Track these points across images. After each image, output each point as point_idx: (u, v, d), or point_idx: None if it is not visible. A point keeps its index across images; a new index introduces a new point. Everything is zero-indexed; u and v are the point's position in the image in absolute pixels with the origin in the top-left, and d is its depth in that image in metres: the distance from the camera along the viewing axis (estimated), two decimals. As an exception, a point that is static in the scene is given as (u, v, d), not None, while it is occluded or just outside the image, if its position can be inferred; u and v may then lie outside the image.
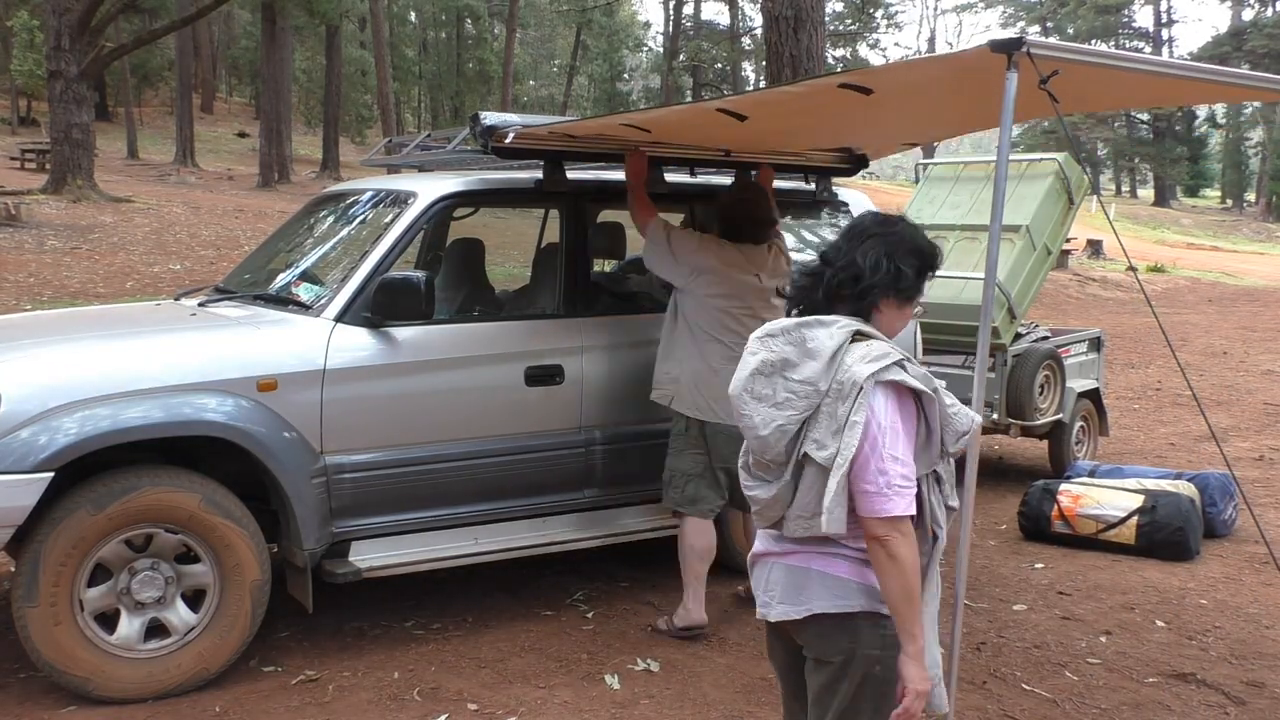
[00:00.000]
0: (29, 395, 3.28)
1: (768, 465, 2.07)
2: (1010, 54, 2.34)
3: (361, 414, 3.75)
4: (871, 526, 1.97)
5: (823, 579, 2.07)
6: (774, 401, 2.02)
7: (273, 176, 25.68)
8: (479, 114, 3.99)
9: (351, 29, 39.96)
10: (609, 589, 4.58)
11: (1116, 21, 57.03)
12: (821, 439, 1.99)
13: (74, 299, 10.21)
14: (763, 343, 2.08)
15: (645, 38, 56.04)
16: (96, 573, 3.38)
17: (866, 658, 2.05)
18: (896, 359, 2.01)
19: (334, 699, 3.50)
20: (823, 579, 2.07)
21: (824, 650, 2.09)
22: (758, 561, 2.22)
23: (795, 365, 2.02)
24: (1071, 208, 6.63)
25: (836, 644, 2.07)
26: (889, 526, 1.95)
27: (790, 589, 2.11)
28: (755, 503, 2.11)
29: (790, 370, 2.03)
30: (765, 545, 2.19)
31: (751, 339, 2.11)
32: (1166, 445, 7.95)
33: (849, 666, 2.06)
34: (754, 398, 2.04)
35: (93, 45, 16.29)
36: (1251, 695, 3.74)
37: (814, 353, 2.02)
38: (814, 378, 2.00)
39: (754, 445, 2.06)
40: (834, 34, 39.90)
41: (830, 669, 2.09)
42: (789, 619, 2.11)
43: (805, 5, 7.04)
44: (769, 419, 2.02)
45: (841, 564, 2.06)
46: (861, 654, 2.05)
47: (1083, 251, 23.66)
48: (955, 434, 2.08)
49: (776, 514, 2.09)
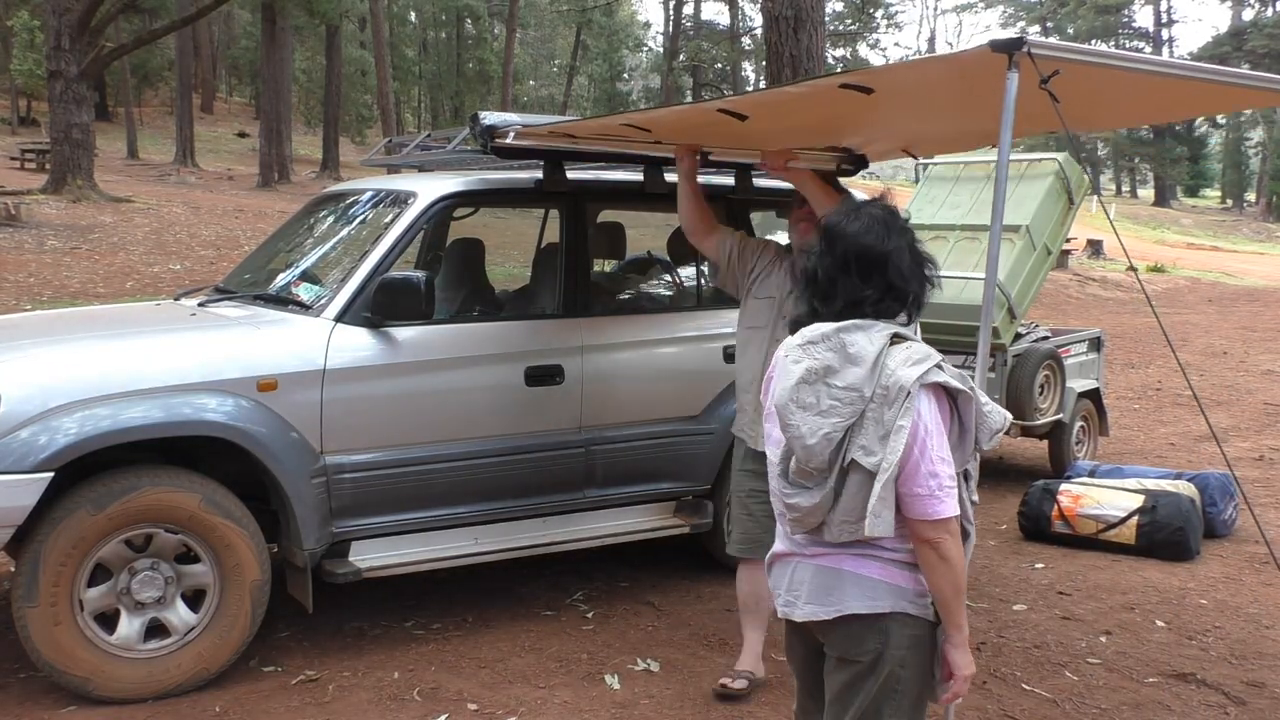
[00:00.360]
0: (29, 395, 3.28)
1: (810, 473, 2.06)
2: (1011, 54, 2.33)
3: (362, 414, 3.75)
4: (922, 530, 1.99)
5: (855, 580, 2.08)
6: (819, 409, 2.01)
7: (273, 176, 25.68)
8: (479, 114, 3.99)
9: (351, 29, 39.96)
10: (609, 589, 4.58)
11: (1116, 21, 57.05)
12: (869, 445, 1.99)
13: (74, 299, 10.21)
14: (805, 350, 2.06)
15: (645, 38, 56.06)
16: (96, 573, 3.38)
17: (894, 657, 2.07)
18: (937, 360, 2.03)
19: (334, 699, 3.50)
20: (855, 580, 2.08)
21: (851, 650, 2.10)
22: (778, 561, 2.22)
23: (838, 371, 2.02)
24: (1071, 208, 6.63)
25: (866, 644, 2.08)
26: (940, 529, 1.98)
27: (818, 589, 2.11)
28: (795, 510, 2.09)
29: (833, 377, 2.02)
30: (789, 546, 2.19)
31: (792, 347, 2.10)
32: (1166, 445, 7.95)
33: (877, 666, 2.07)
34: (800, 406, 2.03)
35: (93, 45, 16.29)
36: (1251, 695, 3.74)
37: (856, 358, 2.01)
38: (858, 383, 2.00)
39: (800, 454, 2.05)
40: (834, 34, 39.90)
41: (856, 668, 2.09)
42: (816, 619, 2.12)
43: (805, 5, 7.04)
44: (815, 427, 2.01)
45: (874, 565, 2.07)
46: (889, 654, 2.07)
47: (1083, 251, 23.66)
48: (990, 431, 2.11)
49: (817, 520, 2.08)
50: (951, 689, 2.09)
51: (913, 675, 2.09)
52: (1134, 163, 60.16)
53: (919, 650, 2.09)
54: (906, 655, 2.08)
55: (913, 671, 2.09)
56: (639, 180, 4.42)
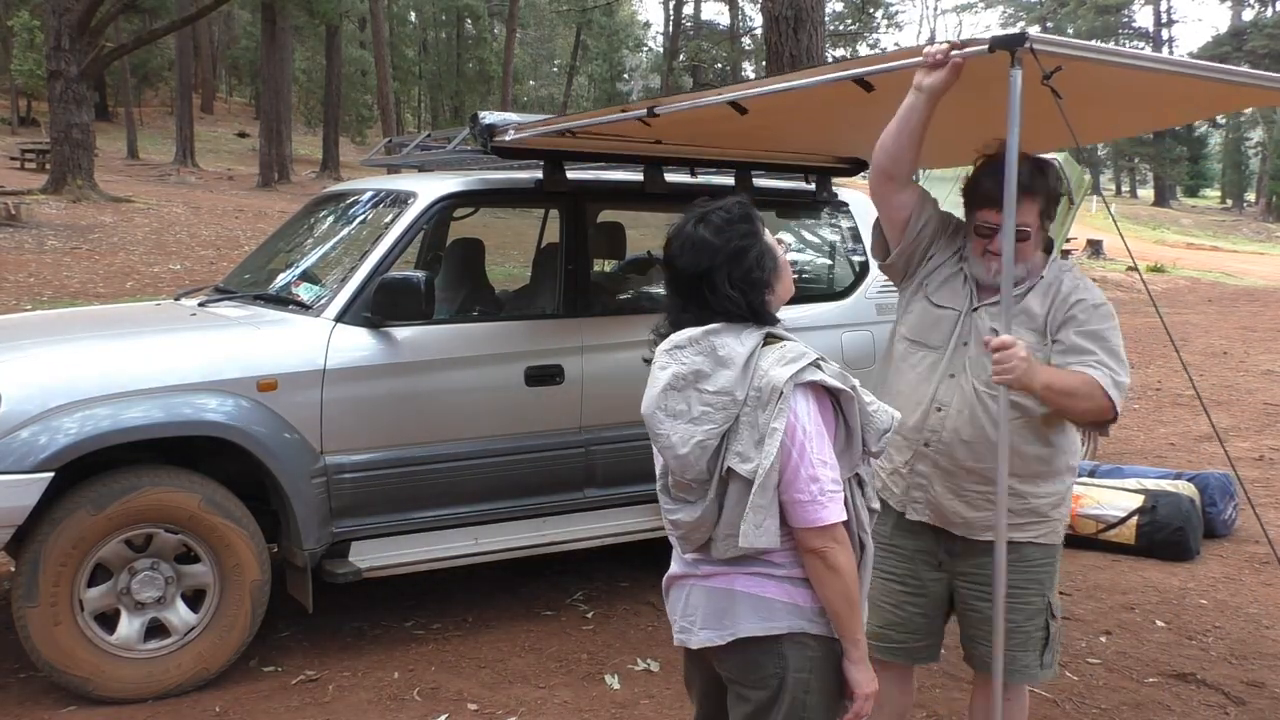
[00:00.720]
0: (29, 395, 3.28)
1: (689, 485, 1.94)
2: (1013, 50, 2.33)
3: (362, 414, 3.75)
4: (807, 538, 1.89)
5: (749, 600, 1.95)
6: (690, 417, 1.90)
7: (273, 176, 25.71)
8: (479, 113, 3.99)
9: (351, 29, 40.00)
10: (609, 589, 4.58)
11: (1116, 21, 57.08)
12: (744, 451, 1.88)
13: (74, 299, 10.21)
14: (671, 355, 1.95)
15: (645, 38, 56.09)
16: (96, 573, 3.38)
17: (796, 681, 1.94)
18: (813, 359, 1.92)
19: (334, 699, 3.50)
20: (749, 600, 1.95)
21: (751, 679, 1.97)
22: (674, 585, 2.09)
23: (709, 375, 1.90)
24: (1072, 208, 6.64)
25: (764, 670, 1.95)
26: (825, 536, 1.88)
27: (712, 613, 1.98)
28: (678, 526, 1.99)
29: (704, 381, 1.90)
30: (682, 568, 2.06)
31: (659, 352, 1.99)
32: (1166, 445, 7.95)
33: (780, 693, 1.95)
34: (668, 415, 1.93)
35: (93, 45, 16.31)
36: (1251, 695, 3.74)
37: (727, 360, 1.90)
38: (730, 386, 1.88)
39: (673, 465, 1.94)
40: (834, 34, 39.92)
41: (759, 697, 1.96)
42: (711, 645, 1.99)
43: (805, 5, 7.04)
44: (687, 436, 1.90)
45: (769, 584, 1.95)
46: (791, 678, 1.94)
47: (1083, 251, 23.67)
48: (877, 432, 1.98)
49: (702, 537, 1.96)
50: (853, 709, 1.97)
51: (820, 701, 1.96)
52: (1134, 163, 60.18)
53: (823, 672, 1.96)
54: (809, 679, 1.95)
55: (819, 697, 1.96)
56: (639, 180, 4.42)
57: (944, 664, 3.85)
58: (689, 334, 1.95)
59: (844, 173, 4.95)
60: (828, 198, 5.05)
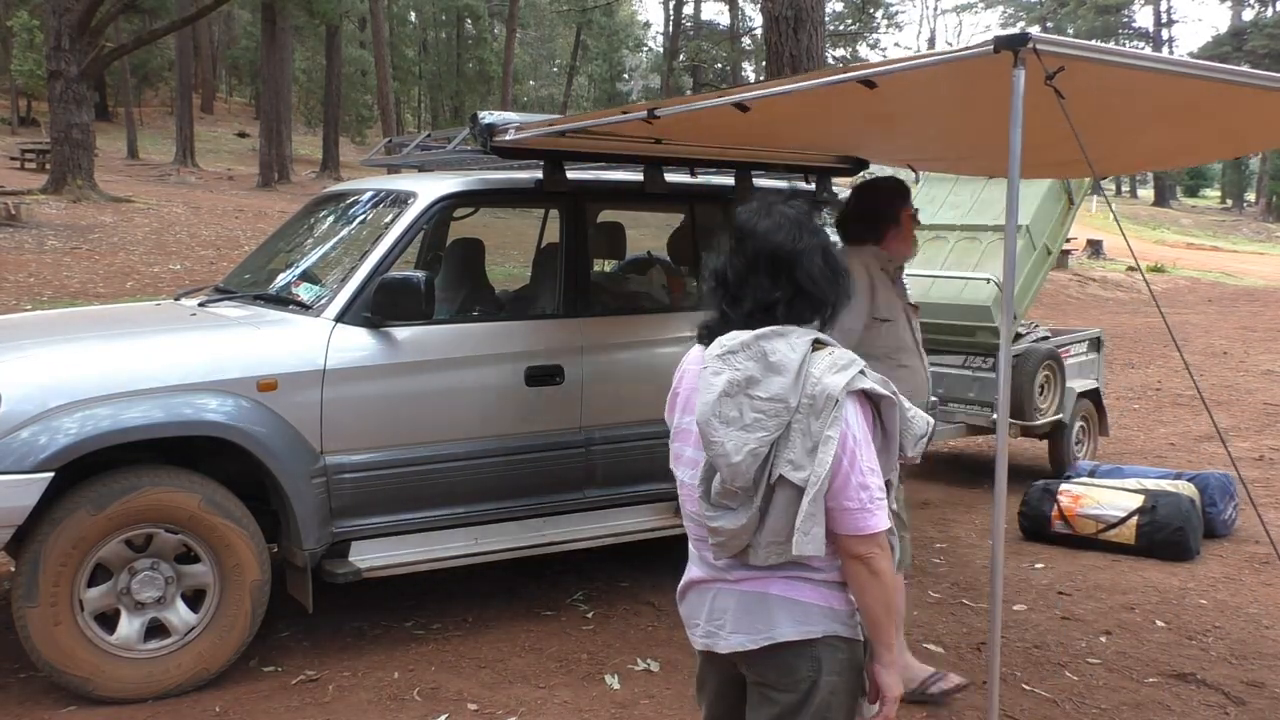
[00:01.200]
0: (29, 395, 3.28)
1: (734, 493, 1.91)
2: (1016, 50, 2.33)
3: (362, 414, 3.75)
4: (852, 545, 1.88)
5: (785, 604, 1.94)
6: (742, 424, 1.87)
7: (273, 176, 25.69)
8: (479, 113, 3.99)
9: (351, 29, 39.98)
10: (609, 589, 4.58)
11: (1117, 21, 57.04)
12: (796, 459, 1.86)
13: (74, 299, 10.21)
14: (725, 361, 1.91)
15: (645, 38, 56.07)
16: (96, 573, 3.38)
17: (828, 683, 1.94)
18: (861, 366, 1.92)
19: (334, 699, 3.50)
20: (785, 604, 1.94)
21: (783, 682, 1.96)
22: (693, 589, 2.06)
23: (760, 382, 1.88)
24: (1072, 208, 6.62)
25: (798, 674, 1.95)
26: (871, 543, 1.88)
27: (745, 617, 1.96)
28: (718, 534, 1.94)
29: (755, 388, 1.87)
30: (708, 572, 2.03)
31: (709, 357, 1.94)
32: (1166, 445, 7.95)
33: (812, 694, 1.94)
34: (723, 422, 1.88)
35: (93, 45, 16.30)
36: (1251, 695, 3.74)
37: (779, 367, 1.88)
38: (783, 393, 1.86)
39: (725, 473, 1.90)
40: (834, 34, 39.89)
41: (788, 699, 1.95)
42: (744, 649, 1.97)
43: (805, 5, 7.04)
44: (740, 443, 1.86)
45: (805, 588, 1.94)
46: (824, 680, 1.94)
47: (1083, 251, 23.68)
48: (914, 438, 1.99)
49: (743, 543, 1.93)
50: (881, 712, 1.98)
51: (843, 701, 1.97)
52: (1134, 163, 60.11)
53: (849, 674, 1.97)
54: (838, 681, 1.95)
55: (843, 698, 1.97)
56: (639, 180, 4.42)
57: (944, 664, 3.85)
58: (740, 339, 1.93)
59: (844, 173, 4.96)
60: (828, 197, 5.05)
